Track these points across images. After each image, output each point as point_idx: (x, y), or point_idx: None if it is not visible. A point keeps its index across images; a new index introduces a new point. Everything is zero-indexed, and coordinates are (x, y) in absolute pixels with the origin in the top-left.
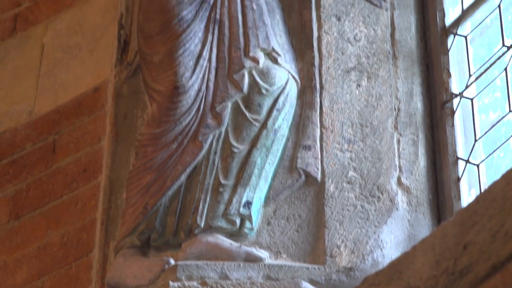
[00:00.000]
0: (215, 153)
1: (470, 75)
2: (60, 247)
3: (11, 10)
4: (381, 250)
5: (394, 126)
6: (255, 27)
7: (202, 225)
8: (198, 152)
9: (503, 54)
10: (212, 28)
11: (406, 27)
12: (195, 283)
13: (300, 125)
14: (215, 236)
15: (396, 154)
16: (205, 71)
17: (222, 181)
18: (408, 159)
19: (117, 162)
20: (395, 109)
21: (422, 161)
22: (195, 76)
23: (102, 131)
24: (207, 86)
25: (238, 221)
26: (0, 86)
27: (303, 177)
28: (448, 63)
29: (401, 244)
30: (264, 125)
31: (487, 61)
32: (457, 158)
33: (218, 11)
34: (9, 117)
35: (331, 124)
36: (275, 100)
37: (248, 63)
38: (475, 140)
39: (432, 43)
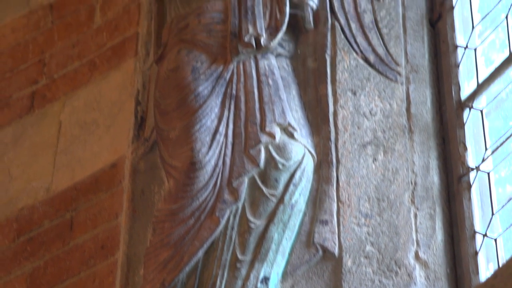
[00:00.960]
0: (232, 228)
1: (486, 149)
2: None
3: (28, 87)
4: None
5: (411, 200)
6: (271, 102)
7: None
8: (215, 228)
9: None
10: (228, 104)
11: (421, 101)
12: None
13: (316, 199)
14: None
15: (413, 228)
16: (221, 146)
17: (240, 257)
18: (425, 233)
19: (135, 238)
20: (411, 183)
21: (439, 235)
22: (212, 152)
23: (119, 207)
24: (224, 161)
25: None
26: (17, 163)
27: (320, 252)
28: (464, 137)
29: None
30: (281, 200)
31: (504, 134)
32: (475, 232)
33: (234, 86)
34: (27, 194)
35: (348, 199)
36: (292, 175)
37: (264, 138)
38: (492, 214)
39: (448, 117)
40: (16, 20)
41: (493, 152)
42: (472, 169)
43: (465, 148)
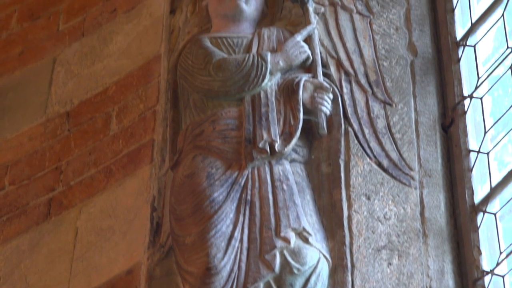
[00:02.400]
0: None
1: (500, 252)
2: None
3: (45, 195)
4: None
5: None
6: (286, 207)
7: None
8: None
9: None
10: (243, 209)
11: (435, 205)
12: None
13: None
14: None
15: None
16: (237, 251)
17: None
18: None
19: None
20: (426, 287)
21: None
22: (227, 257)
23: None
24: (239, 266)
25: None
26: (34, 270)
27: None
28: (478, 241)
29: None
30: None
31: None
32: None
33: (249, 192)
34: None
35: None
36: (307, 280)
37: (279, 243)
38: None
39: (461, 221)
40: (33, 128)
41: (507, 255)
42: (487, 273)
43: (480, 252)
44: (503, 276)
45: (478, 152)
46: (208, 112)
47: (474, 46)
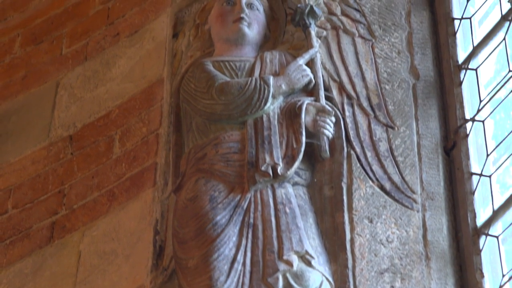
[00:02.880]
0: None
1: (503, 275)
2: None
3: (48, 218)
4: None
5: None
6: (289, 230)
7: None
8: None
9: None
10: (246, 232)
11: (438, 228)
12: None
13: None
14: None
15: None
16: (239, 275)
17: None
18: None
19: None
20: None
21: None
22: (230, 280)
23: None
24: None
25: None
26: None
27: None
28: (480, 264)
29: None
30: None
31: None
32: None
33: (251, 215)
34: None
35: None
36: None
37: (282, 266)
38: None
39: (464, 244)
40: (36, 152)
41: (510, 278)
42: None
43: (482, 275)
44: None
45: (480, 175)
46: (210, 136)
47: (476, 69)
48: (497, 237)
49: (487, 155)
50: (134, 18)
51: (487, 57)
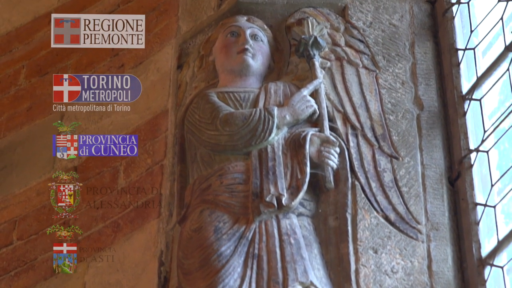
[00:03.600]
0: None
1: None
2: None
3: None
4: None
5: None
6: (293, 261)
7: None
8: None
9: None
10: (251, 263)
11: (442, 258)
12: None
13: None
14: None
15: None
16: None
17: None
18: None
19: None
20: None
21: None
22: None
23: None
24: None
25: None
26: None
27: None
28: None
29: None
30: None
31: None
32: None
33: (256, 246)
34: None
35: None
36: None
37: None
38: None
39: (469, 274)
40: (41, 183)
41: None
42: None
43: None
44: None
45: (485, 205)
46: (215, 166)
47: (480, 100)
48: (502, 267)
49: (492, 186)
50: (138, 49)
51: (491, 87)
